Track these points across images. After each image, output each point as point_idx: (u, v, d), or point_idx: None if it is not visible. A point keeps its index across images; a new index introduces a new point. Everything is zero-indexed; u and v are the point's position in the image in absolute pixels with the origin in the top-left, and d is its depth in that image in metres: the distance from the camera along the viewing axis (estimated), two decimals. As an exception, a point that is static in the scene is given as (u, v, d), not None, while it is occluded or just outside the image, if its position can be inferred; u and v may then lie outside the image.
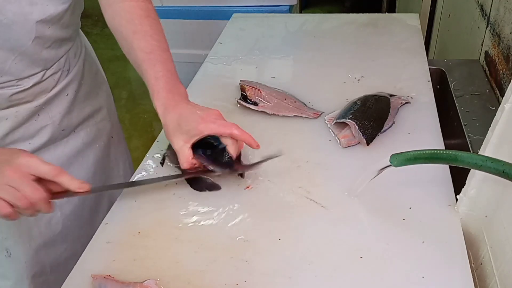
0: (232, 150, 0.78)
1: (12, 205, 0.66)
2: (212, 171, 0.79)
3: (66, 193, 0.71)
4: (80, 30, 0.99)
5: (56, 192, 0.71)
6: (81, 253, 0.71)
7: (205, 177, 0.80)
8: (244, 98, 1.02)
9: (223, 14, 2.03)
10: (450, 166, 0.79)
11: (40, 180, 0.68)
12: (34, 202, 0.67)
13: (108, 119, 1.08)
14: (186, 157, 0.77)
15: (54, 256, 0.99)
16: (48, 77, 0.87)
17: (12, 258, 0.92)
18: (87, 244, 0.73)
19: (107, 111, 1.07)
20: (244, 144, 0.81)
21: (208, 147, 0.80)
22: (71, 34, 0.89)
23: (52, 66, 0.87)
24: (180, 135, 0.77)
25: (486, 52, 1.17)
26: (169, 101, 0.79)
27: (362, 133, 0.86)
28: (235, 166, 0.80)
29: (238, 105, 1.02)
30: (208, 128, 0.76)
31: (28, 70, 0.82)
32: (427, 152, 0.63)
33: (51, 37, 0.83)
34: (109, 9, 0.87)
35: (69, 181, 0.70)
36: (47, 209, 0.70)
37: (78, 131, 0.99)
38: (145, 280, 0.65)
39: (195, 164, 0.78)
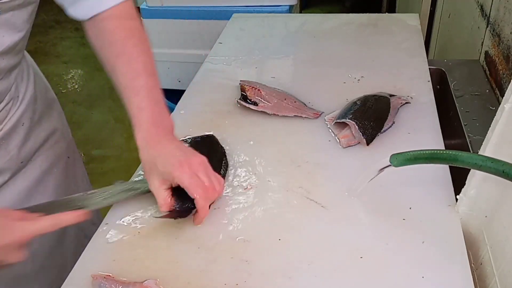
0: (198, 206, 0.70)
1: None
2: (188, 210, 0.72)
3: None
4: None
5: None
6: (58, 285, 0.69)
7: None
8: (244, 98, 1.02)
9: (223, 14, 2.03)
10: (450, 166, 0.79)
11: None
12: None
13: (63, 140, 1.00)
14: (163, 199, 0.71)
15: None
16: (2, 109, 0.79)
17: None
18: (58, 277, 0.70)
19: (61, 131, 1.00)
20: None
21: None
22: (20, 59, 0.81)
23: (4, 98, 0.79)
24: (156, 175, 0.71)
25: (486, 52, 1.17)
26: (152, 135, 0.72)
27: (362, 133, 0.86)
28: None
29: (238, 105, 1.02)
30: (180, 179, 0.68)
31: None
32: (427, 152, 0.63)
33: (4, 68, 0.75)
34: (92, 28, 0.79)
35: (67, 220, 0.66)
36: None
37: (35, 159, 0.91)
38: (145, 280, 0.65)
39: (173, 205, 0.72)
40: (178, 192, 0.72)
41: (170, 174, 0.69)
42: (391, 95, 0.98)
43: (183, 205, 0.72)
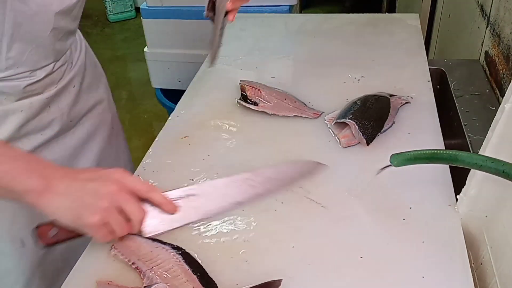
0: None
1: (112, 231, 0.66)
2: None
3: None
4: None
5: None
6: (88, 239, 0.70)
7: None
8: (244, 98, 1.02)
9: (223, 14, 2.02)
10: (450, 166, 0.79)
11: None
12: (135, 224, 0.67)
13: (109, 111, 1.12)
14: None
15: (64, 245, 0.95)
16: (57, 69, 0.90)
17: (25, 248, 0.92)
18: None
19: (107, 102, 1.11)
20: None
21: None
22: (75, 27, 0.93)
23: (61, 58, 0.90)
24: None
25: (486, 52, 1.17)
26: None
27: (362, 133, 0.86)
28: None
29: (238, 105, 1.02)
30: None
31: (41, 61, 0.85)
32: (427, 152, 0.63)
33: (64, 28, 0.86)
34: None
35: (160, 199, 0.70)
36: (136, 231, 0.69)
37: (83, 122, 1.02)
38: (154, 284, 0.63)
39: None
40: None
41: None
42: (391, 95, 0.98)
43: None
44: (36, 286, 0.96)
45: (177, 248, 0.69)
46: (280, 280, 0.63)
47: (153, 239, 0.70)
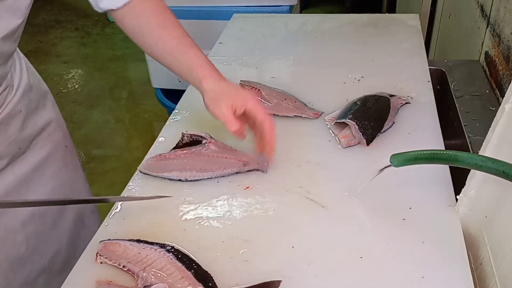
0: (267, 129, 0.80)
1: None
2: None
3: None
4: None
5: None
6: (48, 269, 0.70)
7: None
8: (244, 98, 1.02)
9: (223, 14, 2.02)
10: (450, 166, 0.79)
11: None
12: None
13: (59, 129, 1.03)
14: (231, 119, 0.78)
15: (23, 276, 0.95)
16: None
17: None
18: (53, 259, 0.71)
19: (57, 120, 1.03)
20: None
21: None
22: (15, 47, 0.84)
23: (1, 84, 0.83)
24: (224, 101, 0.79)
25: (486, 53, 1.17)
26: (218, 76, 0.83)
27: (362, 133, 0.86)
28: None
29: (238, 105, 1.02)
30: (250, 101, 0.79)
31: None
32: (427, 152, 0.63)
33: (5, 53, 0.79)
34: (125, 14, 0.85)
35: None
36: None
37: (33, 147, 0.95)
38: (154, 284, 0.63)
39: (239, 126, 0.79)
40: None
41: (244, 98, 0.79)
42: (391, 95, 0.98)
43: None
44: None
45: (165, 246, 0.69)
46: (279, 281, 0.63)
47: (139, 240, 0.70)
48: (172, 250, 0.68)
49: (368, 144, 0.86)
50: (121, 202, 0.80)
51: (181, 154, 0.86)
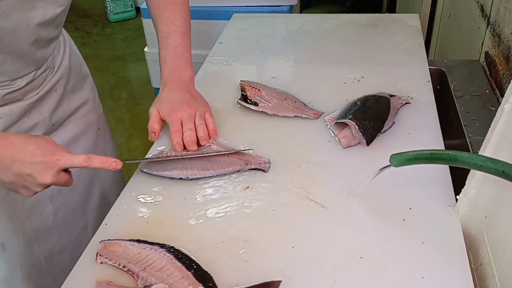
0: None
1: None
2: None
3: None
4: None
5: None
6: (74, 244, 0.71)
7: None
8: (244, 98, 1.02)
9: (223, 14, 2.02)
10: (450, 166, 0.79)
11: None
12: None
13: (94, 111, 1.10)
14: (152, 121, 0.90)
15: (47, 248, 1.00)
16: (39, 76, 0.89)
17: (6, 251, 0.93)
18: (79, 235, 0.73)
19: (93, 103, 1.10)
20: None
21: None
22: (58, 33, 0.92)
23: (42, 65, 0.89)
24: (157, 106, 0.92)
25: (486, 53, 1.17)
26: (169, 82, 0.93)
27: (362, 134, 0.86)
28: None
29: (238, 105, 1.02)
30: (170, 120, 0.89)
31: (22, 70, 0.84)
32: (427, 152, 0.63)
33: (45, 38, 0.85)
34: None
35: (98, 162, 0.74)
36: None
37: (66, 125, 1.01)
38: (154, 285, 0.63)
39: (155, 129, 0.90)
40: None
41: (172, 111, 0.89)
42: (391, 95, 0.98)
43: None
44: None
45: (165, 246, 0.69)
46: (279, 281, 0.63)
47: (139, 240, 0.70)
48: (172, 250, 0.68)
49: (368, 144, 0.86)
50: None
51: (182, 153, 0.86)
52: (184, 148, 0.88)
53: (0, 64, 0.80)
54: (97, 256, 0.69)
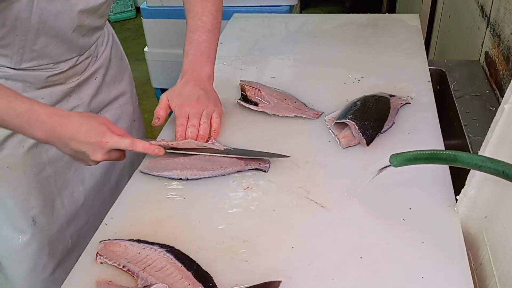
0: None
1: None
2: None
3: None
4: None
5: None
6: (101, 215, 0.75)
7: None
8: (244, 98, 1.02)
9: (223, 14, 2.02)
10: (450, 167, 0.79)
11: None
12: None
13: (131, 103, 1.16)
14: (160, 106, 0.91)
15: (75, 228, 1.05)
16: (81, 62, 0.95)
17: (36, 226, 0.97)
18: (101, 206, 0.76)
19: (130, 95, 1.15)
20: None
21: None
22: (102, 23, 0.97)
23: (85, 52, 0.96)
24: (169, 95, 0.92)
25: (486, 53, 1.18)
26: (187, 75, 0.94)
27: (362, 134, 0.86)
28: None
29: (238, 105, 1.02)
30: (178, 113, 0.90)
31: (65, 55, 0.91)
32: (427, 152, 0.63)
33: (88, 26, 0.90)
34: None
35: (141, 147, 0.80)
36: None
37: (104, 113, 1.06)
38: (154, 284, 0.62)
39: (159, 115, 0.91)
40: None
41: (182, 105, 0.90)
42: (391, 96, 0.98)
43: None
44: (44, 263, 1.00)
45: (165, 246, 0.69)
46: (279, 281, 0.63)
47: (139, 240, 0.71)
48: (172, 250, 0.68)
49: (368, 144, 0.86)
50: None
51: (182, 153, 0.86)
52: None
53: (44, 47, 0.85)
54: (97, 256, 0.69)
